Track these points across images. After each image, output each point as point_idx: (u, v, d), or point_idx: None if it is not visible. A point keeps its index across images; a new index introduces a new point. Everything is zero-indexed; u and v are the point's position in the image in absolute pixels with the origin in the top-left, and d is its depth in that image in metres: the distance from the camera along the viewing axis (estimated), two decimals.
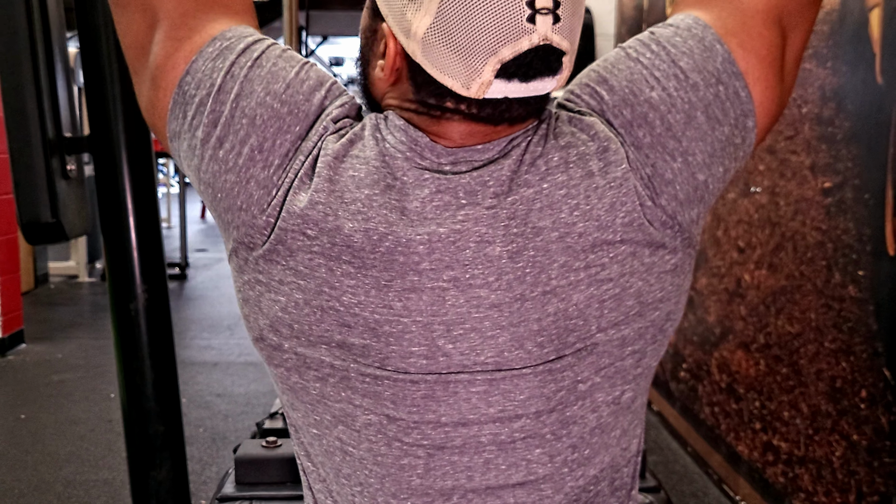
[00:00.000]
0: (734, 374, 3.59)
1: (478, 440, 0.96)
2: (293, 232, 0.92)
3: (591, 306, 0.93)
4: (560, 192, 0.92)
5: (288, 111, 0.95)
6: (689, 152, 0.95)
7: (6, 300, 5.90)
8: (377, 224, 0.91)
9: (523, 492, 0.98)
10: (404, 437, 0.96)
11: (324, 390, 0.97)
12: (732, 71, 0.97)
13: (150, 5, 1.00)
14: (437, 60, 0.91)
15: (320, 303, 0.93)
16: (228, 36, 0.99)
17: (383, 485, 0.98)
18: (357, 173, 0.92)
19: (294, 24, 3.44)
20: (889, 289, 2.40)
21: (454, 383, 0.94)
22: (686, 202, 0.96)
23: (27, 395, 5.00)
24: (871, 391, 2.49)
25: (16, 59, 1.68)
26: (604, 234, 0.92)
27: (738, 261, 3.55)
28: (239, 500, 1.42)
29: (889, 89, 2.40)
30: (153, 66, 1.00)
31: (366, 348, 0.93)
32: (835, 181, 2.71)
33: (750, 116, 0.98)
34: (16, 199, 1.70)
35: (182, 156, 1.00)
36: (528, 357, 0.93)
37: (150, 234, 1.87)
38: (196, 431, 4.36)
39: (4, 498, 3.53)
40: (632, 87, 0.97)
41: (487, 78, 0.90)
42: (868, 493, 2.51)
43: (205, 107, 0.96)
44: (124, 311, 1.87)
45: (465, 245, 0.91)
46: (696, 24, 1.00)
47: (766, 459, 3.27)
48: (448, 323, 0.92)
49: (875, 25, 2.49)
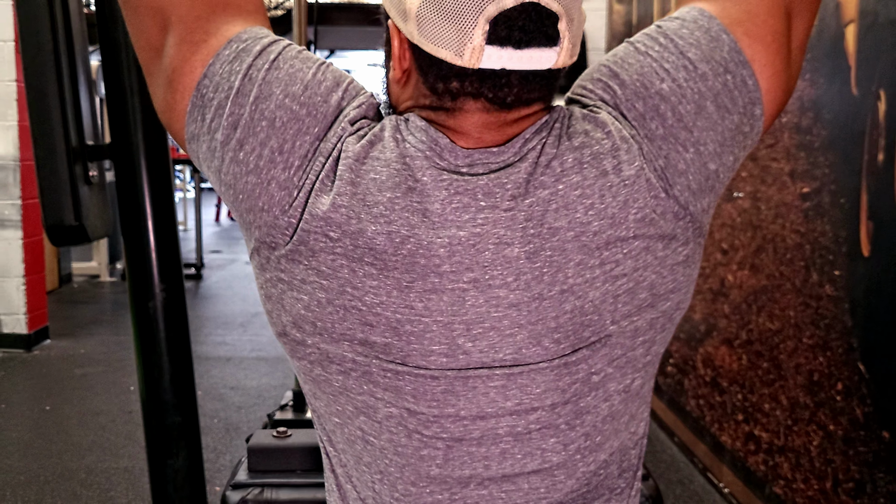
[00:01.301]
0: (718, 369, 3.59)
1: (495, 432, 0.94)
2: (316, 234, 0.90)
3: (606, 301, 0.91)
4: (575, 192, 0.90)
5: (306, 113, 0.92)
6: (701, 142, 0.93)
7: (32, 298, 5.90)
8: (399, 227, 0.88)
9: (537, 478, 0.97)
10: (424, 430, 0.94)
11: (346, 383, 0.95)
12: (739, 60, 0.95)
13: (162, 9, 0.98)
14: (431, 34, 0.89)
15: (343, 302, 0.91)
16: (244, 38, 0.96)
17: (403, 473, 0.97)
18: (378, 176, 0.90)
19: (303, 38, 3.44)
20: (863, 287, 2.40)
21: (473, 379, 0.92)
22: (698, 191, 0.94)
23: (52, 388, 4.99)
24: (847, 384, 2.49)
25: (42, 72, 1.68)
26: (617, 231, 0.90)
27: (722, 262, 3.55)
28: (251, 486, 1.42)
29: (863, 100, 2.40)
30: (169, 69, 0.97)
31: (387, 346, 0.91)
32: (812, 186, 2.71)
33: (758, 104, 0.96)
34: (41, 203, 1.70)
35: (201, 157, 0.98)
36: (544, 353, 0.91)
37: (167, 236, 1.87)
38: (211, 422, 4.36)
39: (30, 484, 3.53)
40: (643, 81, 0.94)
41: (479, 42, 0.87)
42: (844, 480, 2.51)
43: (223, 109, 0.94)
44: (143, 309, 1.87)
45: (484, 247, 0.89)
46: (702, 15, 0.98)
47: (748, 449, 3.27)
48: (468, 322, 0.90)
49: (850, 40, 2.49)
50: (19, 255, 5.80)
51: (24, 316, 5.83)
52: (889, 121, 2.27)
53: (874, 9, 2.35)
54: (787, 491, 2.91)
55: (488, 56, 0.88)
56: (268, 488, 1.41)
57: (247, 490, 1.41)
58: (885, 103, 2.29)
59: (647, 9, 4.74)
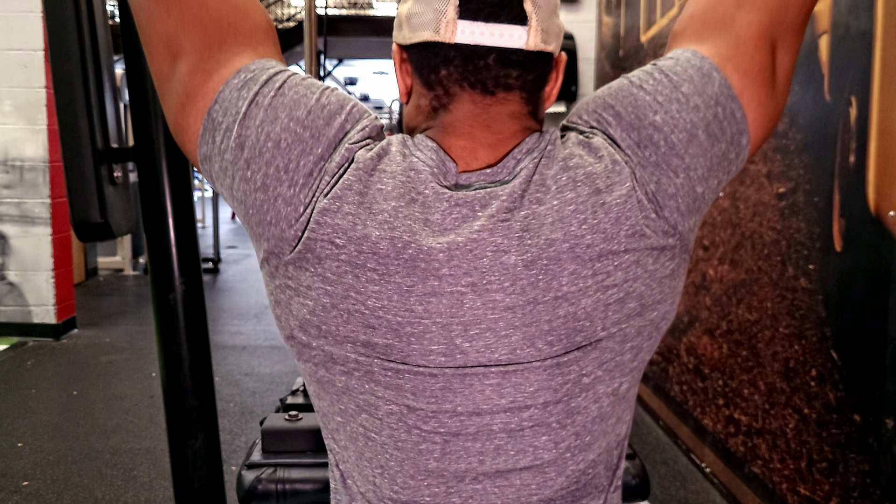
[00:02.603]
0: (700, 357, 3.59)
1: (490, 428, 0.95)
2: (322, 241, 0.90)
3: (598, 309, 0.91)
4: (569, 207, 0.91)
5: (310, 135, 0.93)
6: (691, 168, 0.94)
7: (60, 291, 5.90)
8: (402, 233, 0.89)
9: (529, 475, 0.97)
10: (423, 425, 0.95)
11: (349, 383, 0.95)
12: (729, 94, 0.96)
13: (176, 40, 0.98)
14: (416, 24, 0.96)
15: (347, 306, 0.91)
16: (252, 68, 0.97)
17: (403, 467, 0.97)
18: (384, 186, 0.91)
19: (313, 48, 3.45)
20: (836, 280, 2.40)
21: (470, 377, 0.92)
22: (687, 212, 0.95)
23: (79, 374, 5.00)
24: (821, 371, 2.49)
25: (69, 80, 1.68)
26: (609, 245, 0.91)
27: (704, 258, 3.55)
28: (265, 466, 1.42)
29: (836, 105, 2.40)
30: (182, 94, 0.98)
31: (389, 347, 0.92)
32: (788, 187, 2.71)
33: (745, 134, 0.97)
34: (69, 201, 1.70)
35: (214, 176, 0.98)
36: (537, 353, 0.92)
37: (186, 232, 1.87)
38: (227, 406, 4.36)
39: (59, 464, 3.53)
40: (637, 113, 0.95)
41: (451, 16, 0.92)
42: (818, 460, 2.51)
43: (231, 132, 0.95)
44: (164, 301, 1.87)
45: (482, 254, 0.90)
46: (695, 55, 0.99)
47: (728, 431, 3.27)
48: (465, 323, 0.91)
49: (824, 50, 2.49)
50: (48, 251, 5.80)
51: (52, 307, 5.83)
52: (859, 125, 2.27)
53: (846, 21, 2.35)
54: (765, 470, 2.91)
55: (462, 30, 0.93)
56: (280, 468, 1.41)
57: (261, 469, 1.41)
58: (856, 109, 2.29)
59: (633, 21, 4.73)
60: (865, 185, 2.23)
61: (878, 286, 2.16)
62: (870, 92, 2.22)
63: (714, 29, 1.01)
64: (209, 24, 0.99)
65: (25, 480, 3.37)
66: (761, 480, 2.94)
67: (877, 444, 2.18)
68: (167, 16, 0.99)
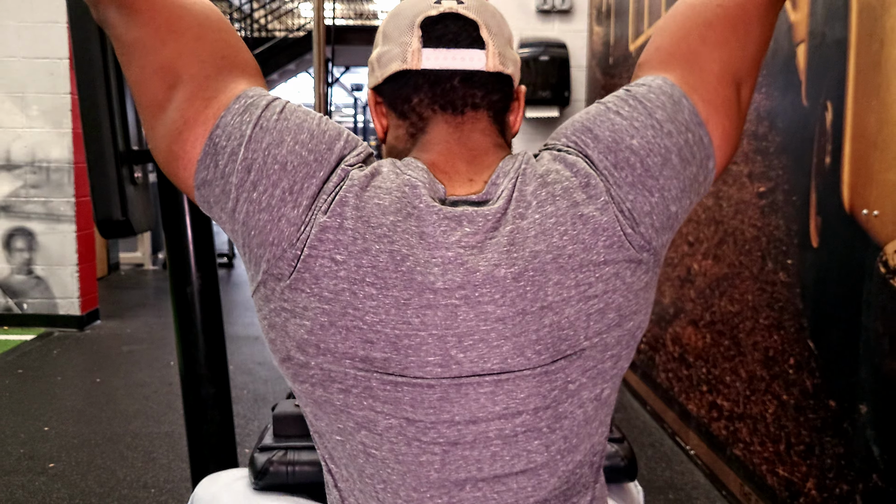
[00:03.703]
0: (685, 346, 3.59)
1: (486, 435, 0.94)
2: (322, 259, 0.90)
3: (580, 319, 0.92)
4: (550, 220, 0.92)
5: (314, 159, 0.93)
6: (666, 188, 0.95)
7: (84, 284, 5.91)
8: (400, 247, 0.90)
9: (524, 478, 0.97)
10: (422, 437, 0.94)
11: (347, 400, 0.94)
12: (697, 121, 0.98)
13: (173, 68, 0.97)
14: (386, 61, 1.01)
15: (345, 323, 0.90)
16: (250, 94, 0.97)
17: (405, 480, 0.96)
18: (381, 201, 0.91)
19: (322, 56, 3.45)
20: (812, 275, 2.40)
21: (465, 386, 0.92)
22: (661, 229, 0.96)
23: (101, 363, 5.01)
24: (798, 359, 2.49)
25: (93, 86, 1.68)
26: (589, 255, 0.92)
27: (688, 253, 3.55)
28: (276, 449, 1.42)
29: (812, 110, 2.40)
30: (180, 121, 0.96)
31: (387, 360, 0.91)
32: (768, 186, 2.71)
33: (711, 158, 0.99)
34: (92, 200, 1.70)
35: (213, 200, 0.96)
36: (527, 362, 0.92)
37: (202, 230, 1.87)
38: (241, 393, 4.37)
39: (83, 447, 3.54)
40: (614, 137, 0.96)
41: (416, 45, 0.98)
42: (795, 443, 2.52)
43: (237, 155, 0.93)
44: (182, 294, 1.87)
45: (474, 268, 0.90)
46: (665, 82, 1.00)
47: (711, 416, 3.27)
48: (459, 335, 0.91)
49: (801, 57, 2.49)
50: (73, 246, 5.80)
51: (77, 299, 5.84)
52: (835, 129, 2.27)
53: (822, 30, 2.35)
54: (746, 453, 2.92)
55: (427, 57, 0.98)
56: (290, 450, 1.41)
57: (272, 452, 1.41)
58: (832, 113, 2.29)
59: (622, 31, 4.73)
60: (840, 185, 2.23)
61: (852, 280, 2.17)
62: (844, 97, 2.22)
63: (680, 62, 1.02)
64: (206, 56, 0.99)
65: (52, 462, 3.38)
66: (742, 462, 2.94)
67: (851, 428, 2.19)
68: (162, 48, 0.98)
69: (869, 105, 2.10)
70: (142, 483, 3.18)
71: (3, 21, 5.63)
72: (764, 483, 2.76)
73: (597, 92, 5.42)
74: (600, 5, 5.40)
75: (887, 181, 2.02)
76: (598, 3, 5.46)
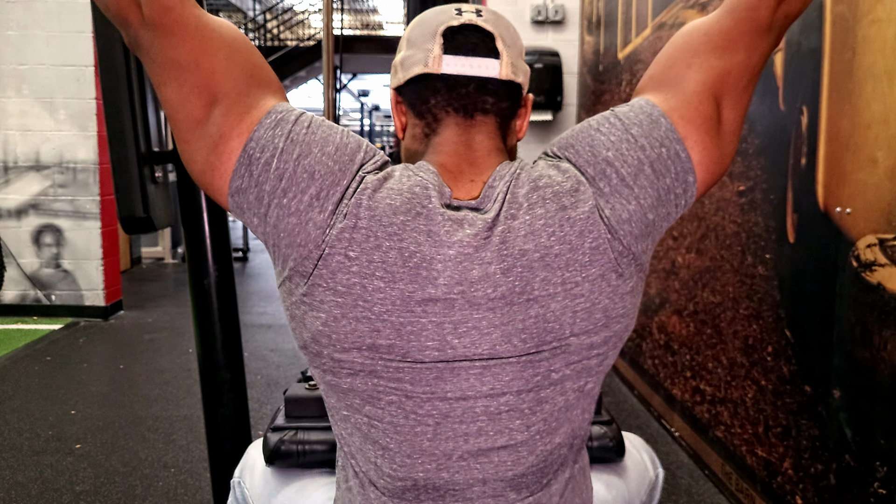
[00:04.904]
0: (670, 334, 3.59)
1: (473, 411, 0.98)
2: (338, 255, 0.93)
3: (566, 314, 0.95)
4: (540, 222, 0.95)
5: (339, 168, 0.96)
6: (641, 197, 0.97)
7: (108, 277, 5.91)
8: (409, 244, 0.93)
9: (505, 453, 1.00)
10: (418, 410, 0.98)
11: (354, 383, 0.99)
12: (674, 137, 0.99)
13: (209, 88, 0.98)
14: (408, 65, 1.04)
15: (355, 314, 0.94)
16: (279, 110, 1.00)
17: (401, 448, 1.00)
18: (393, 202, 0.94)
19: (331, 64, 3.43)
20: (789, 268, 2.41)
21: (458, 368, 0.96)
22: (640, 236, 0.98)
23: (124, 350, 5.01)
24: (776, 347, 2.49)
25: (116, 92, 1.68)
26: (575, 255, 0.94)
27: (673, 247, 3.55)
28: (288, 429, 1.43)
29: (789, 114, 2.40)
30: (217, 135, 0.98)
31: (391, 346, 0.95)
32: (747, 185, 2.71)
33: (690, 173, 1.00)
34: (116, 198, 1.71)
35: (247, 206, 0.99)
36: (513, 349, 0.95)
37: (219, 225, 1.88)
38: (255, 378, 4.37)
39: (107, 429, 3.54)
40: (592, 150, 0.99)
41: (437, 52, 1.01)
42: (773, 425, 2.52)
43: (270, 165, 0.96)
44: (200, 286, 1.87)
45: (470, 266, 0.93)
46: (647, 104, 1.03)
47: (694, 400, 3.27)
48: (455, 323, 0.94)
49: (779, 65, 2.49)
50: (98, 242, 5.81)
51: (102, 291, 5.84)
52: (810, 132, 2.27)
53: (798, 40, 2.35)
54: (727, 434, 2.92)
55: (447, 63, 1.01)
56: (301, 430, 1.42)
57: (284, 432, 1.42)
58: (807, 117, 2.28)
59: (612, 40, 4.72)
60: (815, 184, 2.23)
61: (827, 273, 2.17)
62: (819, 102, 2.22)
63: (666, 86, 1.05)
64: (237, 75, 1.01)
65: (78, 443, 3.38)
66: (724, 443, 2.95)
67: (825, 411, 2.19)
68: (196, 68, 0.99)
69: (842, 110, 2.10)
70: (162, 463, 3.18)
71: (33, 31, 5.63)
72: (744, 463, 2.76)
73: (588, 97, 5.42)
74: (591, 16, 5.39)
75: (859, 181, 2.02)
76: (589, 15, 5.45)
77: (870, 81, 1.98)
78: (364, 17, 21.00)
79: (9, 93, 5.66)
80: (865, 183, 1.99)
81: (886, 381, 1.89)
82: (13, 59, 5.65)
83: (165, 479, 3.03)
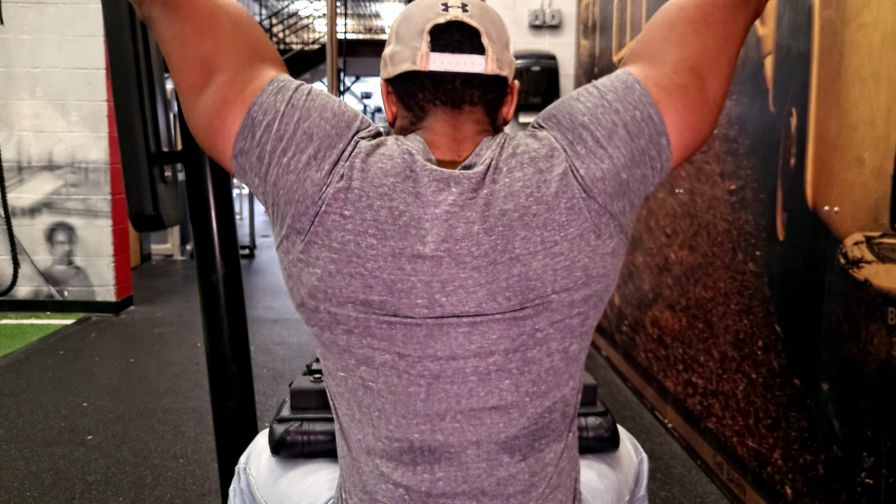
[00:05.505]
0: (663, 328, 3.60)
1: (463, 371, 0.99)
2: (334, 214, 0.96)
3: (547, 272, 0.97)
4: (518, 183, 0.97)
5: (336, 133, 1.01)
6: (614, 157, 0.99)
7: (119, 273, 5.91)
8: (398, 203, 0.96)
9: (497, 414, 1.01)
10: (411, 370, 0.99)
11: (349, 340, 1.00)
12: (647, 101, 1.02)
13: (213, 59, 1.04)
14: (397, 63, 1.06)
15: (349, 270, 0.96)
16: (281, 79, 1.05)
17: (395, 409, 1.01)
18: (384, 165, 0.98)
19: (334, 66, 3.45)
20: (779, 265, 2.41)
21: (446, 326, 0.98)
22: (615, 195, 1.00)
23: (135, 344, 5.01)
24: (766, 341, 2.49)
25: (127, 93, 1.68)
26: (552, 214, 0.97)
27: (666, 244, 3.55)
28: (293, 420, 1.43)
29: (779, 115, 2.40)
30: (221, 100, 1.03)
31: (383, 302, 0.97)
32: (738, 184, 2.71)
33: (663, 136, 1.02)
34: (126, 197, 1.71)
35: (248, 167, 1.03)
36: (498, 307, 0.97)
37: (226, 223, 1.88)
38: (261, 371, 4.37)
39: (118, 421, 3.55)
40: (571, 118, 1.02)
41: (425, 50, 1.03)
42: (763, 417, 2.52)
43: (271, 127, 1.00)
44: (208, 281, 1.87)
45: (456, 224, 0.96)
46: (624, 73, 1.06)
47: (686, 392, 3.28)
48: (443, 281, 0.96)
49: (769, 68, 2.49)
50: (109, 239, 5.81)
51: (113, 287, 5.84)
52: (799, 133, 2.27)
53: (787, 43, 2.35)
54: (718, 426, 2.92)
55: (434, 60, 1.03)
56: (305, 422, 1.42)
57: (289, 423, 1.42)
58: (796, 119, 2.28)
59: (607, 43, 4.72)
60: (804, 183, 2.23)
61: (815, 270, 2.17)
62: (808, 104, 2.22)
63: (644, 58, 1.08)
64: (240, 49, 1.06)
65: (90, 435, 3.38)
66: (715, 434, 2.95)
67: (814, 404, 2.19)
68: (202, 41, 1.05)
69: (830, 111, 2.10)
70: (171, 454, 3.19)
71: (46, 35, 5.62)
72: (735, 454, 2.76)
73: None
74: (587, 21, 5.39)
75: (846, 180, 2.02)
76: (585, 19, 5.45)
77: (857, 84, 1.98)
78: (366, 21, 21.00)
79: (23, 95, 5.66)
80: (853, 182, 1.99)
81: (873, 374, 1.89)
82: (27, 62, 5.64)
83: (174, 469, 3.03)
